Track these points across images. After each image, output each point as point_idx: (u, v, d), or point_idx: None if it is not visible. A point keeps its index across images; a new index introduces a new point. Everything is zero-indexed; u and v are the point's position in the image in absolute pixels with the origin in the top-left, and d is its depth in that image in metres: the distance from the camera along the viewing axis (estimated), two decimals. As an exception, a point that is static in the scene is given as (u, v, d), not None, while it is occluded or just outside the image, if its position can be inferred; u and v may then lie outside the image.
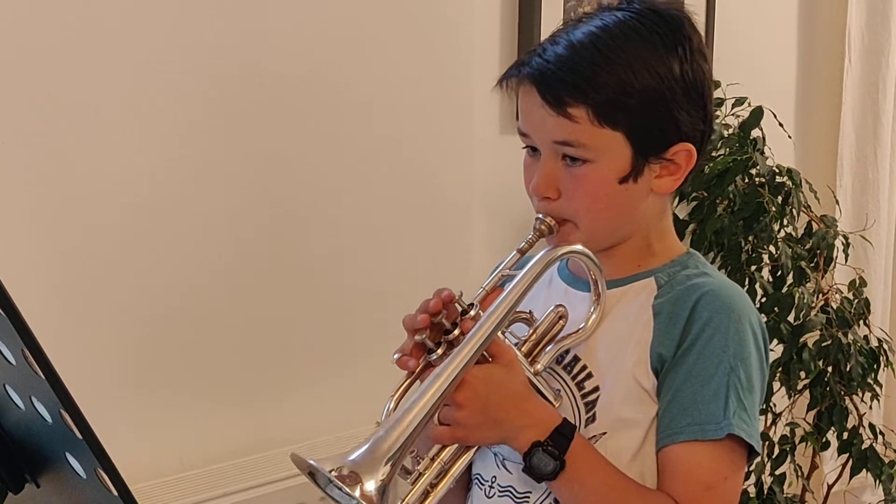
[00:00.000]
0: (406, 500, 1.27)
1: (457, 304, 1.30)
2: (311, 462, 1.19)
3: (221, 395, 2.25)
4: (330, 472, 1.17)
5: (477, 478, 1.44)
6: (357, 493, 1.16)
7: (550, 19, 2.65)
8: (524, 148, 1.39)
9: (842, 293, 3.07)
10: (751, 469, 2.93)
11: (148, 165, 2.10)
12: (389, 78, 2.45)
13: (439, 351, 1.28)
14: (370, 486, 1.17)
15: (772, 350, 2.92)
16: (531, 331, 1.36)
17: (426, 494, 1.28)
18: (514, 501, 1.39)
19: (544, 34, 2.60)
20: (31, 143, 1.96)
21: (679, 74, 1.32)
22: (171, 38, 2.11)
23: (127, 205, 2.08)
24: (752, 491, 2.99)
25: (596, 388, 1.35)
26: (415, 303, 1.32)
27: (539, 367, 1.33)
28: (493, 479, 1.41)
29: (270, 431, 2.29)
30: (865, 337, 3.01)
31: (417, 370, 1.30)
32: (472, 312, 1.30)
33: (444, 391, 1.24)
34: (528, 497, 1.37)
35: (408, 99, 2.49)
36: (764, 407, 2.97)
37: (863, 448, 2.99)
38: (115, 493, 1.00)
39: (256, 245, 2.27)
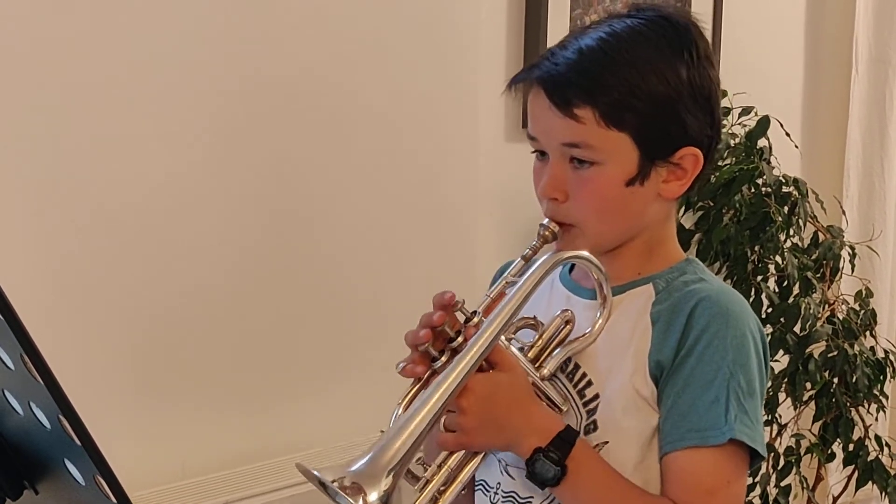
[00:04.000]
0: None
1: (460, 312, 1.30)
2: (314, 472, 1.18)
3: (224, 402, 2.24)
4: (332, 482, 1.17)
5: (481, 484, 1.44)
6: None
7: (556, 26, 2.66)
8: (533, 153, 1.39)
9: (848, 304, 3.07)
10: (756, 480, 2.92)
11: (150, 170, 2.10)
12: (395, 84, 2.44)
13: (443, 359, 1.28)
14: (373, 496, 1.16)
15: (778, 361, 2.95)
16: (537, 336, 1.36)
17: (434, 501, 1.28)
18: (517, 506, 1.39)
19: (550, 41, 2.60)
20: (33, 146, 1.95)
21: (686, 78, 1.33)
22: (175, 42, 2.10)
23: (128, 209, 2.07)
24: (756, 503, 2.98)
25: (596, 396, 1.34)
26: (420, 309, 1.31)
27: (546, 371, 1.33)
28: (498, 486, 1.41)
29: (273, 439, 2.28)
30: (872, 348, 3.01)
31: (424, 378, 1.30)
32: (475, 320, 1.30)
33: (447, 398, 1.24)
34: (531, 502, 1.37)
35: (414, 106, 2.48)
36: (769, 418, 2.97)
37: (868, 460, 2.99)
38: (114, 500, 0.99)
39: (259, 250, 2.26)
